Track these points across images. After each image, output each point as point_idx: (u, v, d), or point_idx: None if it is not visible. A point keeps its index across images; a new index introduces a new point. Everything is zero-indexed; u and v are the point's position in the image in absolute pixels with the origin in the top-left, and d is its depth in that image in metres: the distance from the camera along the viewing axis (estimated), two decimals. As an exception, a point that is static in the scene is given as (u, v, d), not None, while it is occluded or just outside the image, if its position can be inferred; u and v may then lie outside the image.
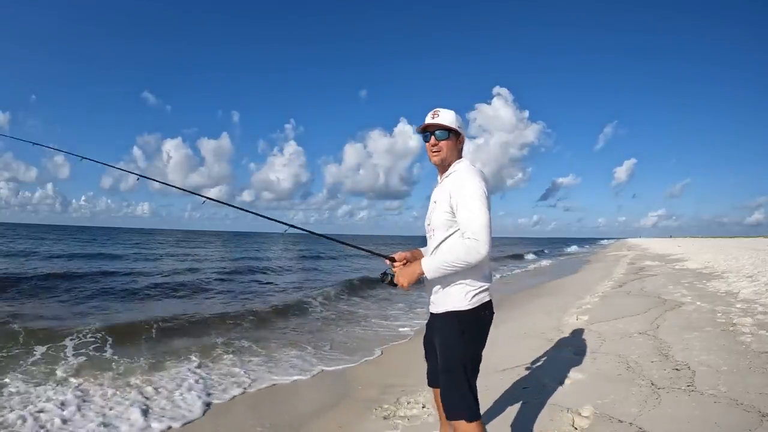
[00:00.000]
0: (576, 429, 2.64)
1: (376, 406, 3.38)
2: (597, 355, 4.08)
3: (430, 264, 1.80)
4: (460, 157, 1.99)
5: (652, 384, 3.20)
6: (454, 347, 1.84)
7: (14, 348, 5.17)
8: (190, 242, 42.90)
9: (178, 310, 7.88)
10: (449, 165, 1.96)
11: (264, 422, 3.39)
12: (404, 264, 2.00)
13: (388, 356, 5.31)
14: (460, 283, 1.84)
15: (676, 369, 3.48)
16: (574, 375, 3.55)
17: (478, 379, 1.92)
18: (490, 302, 1.91)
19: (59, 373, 4.34)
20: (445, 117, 1.93)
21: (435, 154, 1.95)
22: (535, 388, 3.37)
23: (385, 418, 3.16)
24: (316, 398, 3.87)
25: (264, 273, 15.93)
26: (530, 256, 30.16)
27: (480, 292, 1.86)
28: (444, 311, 1.88)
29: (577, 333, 5.04)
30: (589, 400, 2.98)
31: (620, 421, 2.64)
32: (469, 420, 1.80)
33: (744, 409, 2.66)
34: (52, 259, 18.28)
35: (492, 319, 1.93)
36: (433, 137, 1.94)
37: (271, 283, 13.17)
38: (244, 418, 3.50)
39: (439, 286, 1.89)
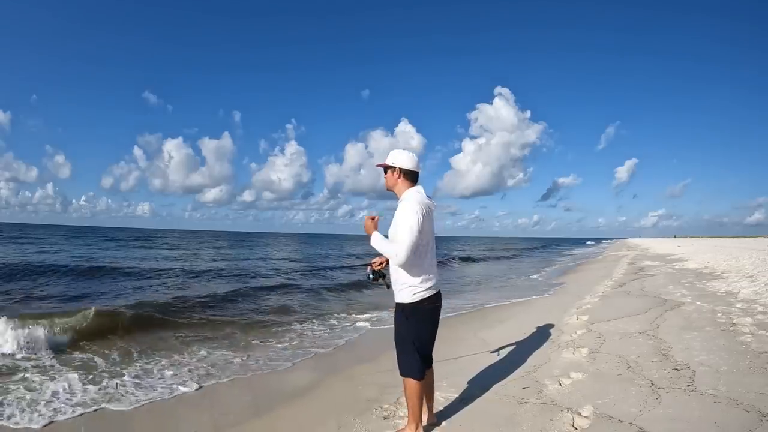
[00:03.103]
0: (576, 429, 2.64)
1: (376, 406, 3.38)
2: (597, 355, 4.08)
3: (375, 239, 2.58)
4: (410, 184, 2.63)
5: (652, 384, 3.20)
6: (400, 327, 2.64)
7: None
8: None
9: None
10: (396, 191, 2.66)
11: (263, 420, 3.39)
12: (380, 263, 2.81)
13: (388, 356, 5.31)
14: (406, 285, 2.57)
15: (676, 369, 3.48)
16: (574, 375, 3.55)
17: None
18: (431, 297, 2.60)
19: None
20: (386, 158, 2.67)
21: (385, 183, 2.73)
22: (535, 388, 3.38)
23: (385, 418, 3.16)
24: (316, 398, 3.87)
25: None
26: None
27: (420, 291, 2.56)
28: (396, 302, 2.65)
29: (577, 333, 5.04)
30: (589, 400, 2.98)
31: (620, 421, 2.64)
32: (414, 378, 2.61)
33: (744, 409, 2.66)
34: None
35: (433, 307, 2.63)
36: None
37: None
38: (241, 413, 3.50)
39: (395, 286, 2.62)
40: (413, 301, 2.57)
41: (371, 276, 2.81)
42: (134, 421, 3.50)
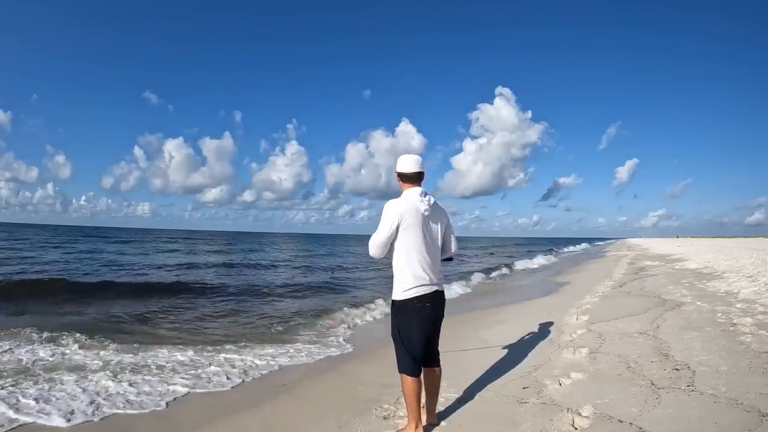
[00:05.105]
0: (576, 429, 2.64)
1: (376, 406, 3.37)
2: (597, 355, 4.07)
3: None
4: (411, 184, 2.71)
5: (652, 384, 3.20)
6: (394, 323, 2.71)
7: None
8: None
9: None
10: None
11: (262, 419, 3.39)
12: None
13: (388, 356, 5.31)
14: (396, 282, 2.66)
15: (676, 369, 3.48)
16: (574, 375, 3.55)
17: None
18: (421, 296, 2.61)
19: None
20: None
21: None
22: (535, 388, 3.38)
23: (385, 418, 3.16)
24: (316, 397, 3.87)
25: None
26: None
27: (410, 289, 2.60)
28: (391, 299, 2.72)
29: (577, 333, 5.04)
30: (589, 400, 2.98)
31: (620, 421, 2.64)
32: (408, 374, 2.63)
33: (744, 409, 2.66)
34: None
35: (422, 306, 2.62)
36: None
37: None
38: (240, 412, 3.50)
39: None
40: (402, 299, 2.63)
41: None
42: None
